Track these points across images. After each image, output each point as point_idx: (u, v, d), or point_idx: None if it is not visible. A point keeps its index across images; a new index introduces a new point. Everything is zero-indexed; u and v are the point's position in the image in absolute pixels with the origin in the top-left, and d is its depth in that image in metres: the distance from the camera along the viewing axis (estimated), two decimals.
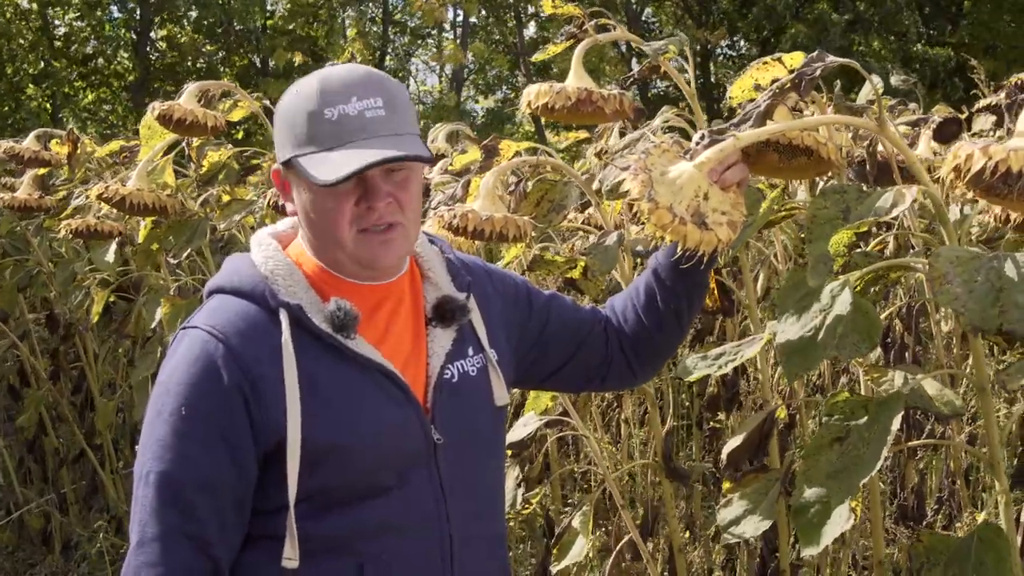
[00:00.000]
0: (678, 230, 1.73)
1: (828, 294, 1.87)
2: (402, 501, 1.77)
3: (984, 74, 4.49)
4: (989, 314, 1.60)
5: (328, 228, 1.74)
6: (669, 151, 1.84)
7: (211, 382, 1.68)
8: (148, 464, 1.67)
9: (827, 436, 1.93)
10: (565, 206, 2.69)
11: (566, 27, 2.46)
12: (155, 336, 4.24)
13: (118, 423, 5.56)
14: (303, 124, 1.71)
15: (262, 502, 1.73)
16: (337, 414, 1.71)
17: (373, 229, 1.73)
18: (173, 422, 1.67)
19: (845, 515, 1.98)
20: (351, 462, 1.72)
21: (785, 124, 1.85)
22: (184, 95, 3.41)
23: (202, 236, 3.79)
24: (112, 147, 4.38)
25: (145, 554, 1.64)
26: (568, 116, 2.37)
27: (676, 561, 2.95)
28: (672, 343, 2.15)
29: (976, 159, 1.59)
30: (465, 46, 25.63)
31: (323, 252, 1.79)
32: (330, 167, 1.67)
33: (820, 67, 1.87)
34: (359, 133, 1.69)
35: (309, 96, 1.72)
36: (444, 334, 1.87)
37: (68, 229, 4.00)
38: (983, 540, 1.90)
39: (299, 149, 1.72)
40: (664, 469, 2.88)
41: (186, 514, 1.65)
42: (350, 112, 1.70)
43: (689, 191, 1.77)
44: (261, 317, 1.73)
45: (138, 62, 22.52)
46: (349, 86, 1.72)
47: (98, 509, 5.48)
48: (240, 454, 1.69)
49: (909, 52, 21.33)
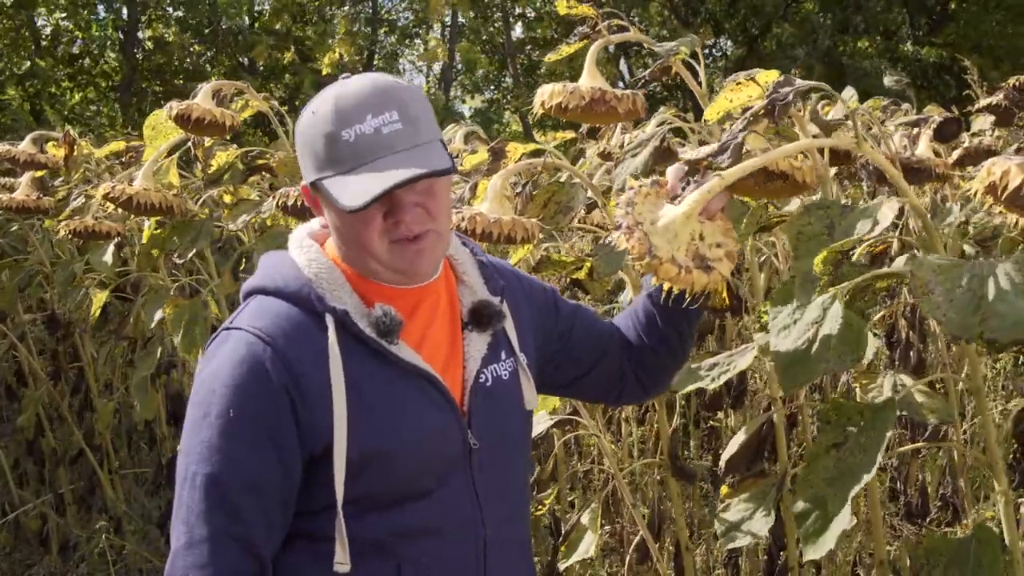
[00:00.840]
0: (685, 280, 1.74)
1: (819, 307, 1.87)
2: (441, 505, 1.79)
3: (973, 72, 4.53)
4: (970, 322, 1.59)
5: (361, 243, 1.76)
6: (651, 194, 1.84)
7: (259, 384, 1.68)
8: (194, 466, 1.68)
9: (825, 442, 1.94)
10: (572, 208, 2.71)
11: (579, 27, 2.48)
12: (155, 337, 4.25)
13: (115, 423, 5.56)
14: (322, 147, 1.72)
15: (305, 503, 1.74)
16: (381, 419, 1.73)
17: (404, 239, 1.75)
18: (220, 424, 1.68)
19: (845, 520, 2.00)
20: (394, 467, 1.74)
21: (765, 157, 1.84)
22: (200, 95, 3.41)
23: (207, 237, 3.79)
24: (114, 147, 4.39)
25: (193, 555, 1.65)
26: (582, 115, 2.39)
27: (683, 559, 2.97)
28: (677, 358, 2.17)
29: (1014, 176, 1.57)
30: (453, 46, 25.63)
31: (358, 262, 1.80)
32: (354, 191, 1.68)
33: (791, 91, 1.87)
34: (378, 151, 1.70)
35: (325, 118, 1.72)
36: (480, 338, 1.90)
37: (67, 230, 4.01)
38: (981, 541, 1.93)
39: (321, 172, 1.73)
40: (671, 468, 2.90)
41: (233, 516, 1.67)
42: (366, 131, 1.70)
43: (684, 236, 1.78)
44: (305, 320, 1.74)
45: (125, 62, 22.41)
46: (362, 104, 1.72)
47: (97, 510, 5.47)
48: (286, 455, 1.69)
49: (898, 52, 21.41)
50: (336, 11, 23.62)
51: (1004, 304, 1.57)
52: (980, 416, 2.01)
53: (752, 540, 2.30)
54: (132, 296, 4.80)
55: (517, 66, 25.92)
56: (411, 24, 26.66)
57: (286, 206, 3.09)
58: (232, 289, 4.15)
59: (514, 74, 25.96)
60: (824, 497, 1.87)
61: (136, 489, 5.55)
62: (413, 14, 26.35)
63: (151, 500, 5.40)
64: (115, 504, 5.33)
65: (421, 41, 27.42)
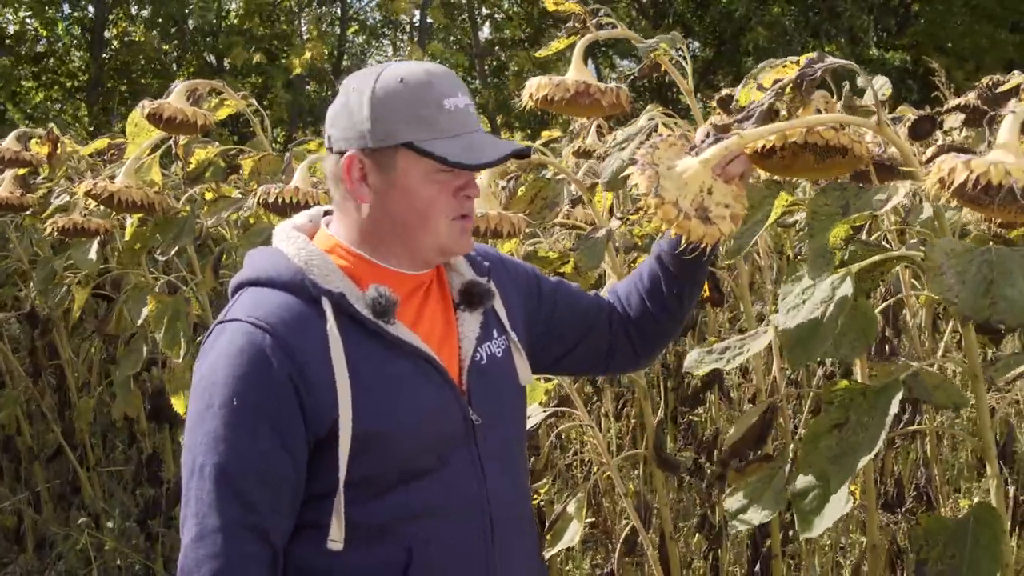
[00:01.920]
0: (683, 225, 1.81)
1: (829, 286, 1.93)
2: (445, 484, 1.82)
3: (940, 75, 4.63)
4: (980, 304, 1.67)
5: (425, 213, 1.81)
6: (675, 145, 1.92)
7: (261, 372, 1.70)
8: (201, 457, 1.70)
9: (826, 423, 2.00)
10: (558, 203, 2.77)
11: (565, 24, 2.53)
12: (139, 334, 4.25)
13: (92, 421, 5.56)
14: (420, 110, 1.77)
15: (310, 489, 1.76)
16: (380, 399, 1.75)
17: (461, 216, 1.83)
18: (224, 414, 1.69)
19: (844, 499, 2.06)
20: (394, 445, 1.77)
21: (786, 123, 1.91)
22: (173, 94, 3.44)
23: (189, 234, 3.80)
24: (98, 145, 4.39)
25: (206, 546, 1.67)
26: (567, 108, 2.45)
27: (668, 549, 3.02)
28: (675, 325, 2.22)
29: (959, 172, 1.67)
30: (423, 47, 25.62)
31: (391, 239, 1.84)
32: (466, 153, 1.76)
33: (820, 67, 1.97)
34: (468, 125, 1.81)
35: (424, 85, 1.79)
36: (472, 318, 1.94)
37: (54, 227, 4.01)
38: (979, 520, 1.98)
39: (415, 135, 1.77)
40: (656, 459, 2.95)
41: (244, 504, 1.68)
42: (459, 105, 1.80)
43: (694, 186, 1.84)
44: (301, 307, 1.76)
45: (92, 61, 22.27)
46: (452, 81, 1.82)
47: (75, 507, 5.47)
48: (292, 442, 1.72)
49: (864, 56, 21.61)
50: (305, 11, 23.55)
51: (1012, 289, 1.65)
52: (977, 403, 2.06)
53: (756, 525, 2.35)
54: (112, 293, 4.81)
55: (485, 67, 25.96)
56: (379, 24, 26.64)
57: (267, 202, 3.12)
58: (213, 286, 4.17)
59: (481, 74, 25.99)
60: (827, 474, 1.92)
61: (114, 486, 5.55)
62: (381, 15, 26.35)
63: (130, 497, 5.40)
64: (93, 501, 5.33)
65: (389, 41, 27.41)
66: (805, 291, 1.97)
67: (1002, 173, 1.64)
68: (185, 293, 4.04)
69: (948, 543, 1.99)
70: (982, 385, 2.07)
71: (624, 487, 3.03)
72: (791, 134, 1.91)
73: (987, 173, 1.64)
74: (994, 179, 1.64)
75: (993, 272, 1.70)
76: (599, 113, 2.69)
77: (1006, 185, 1.63)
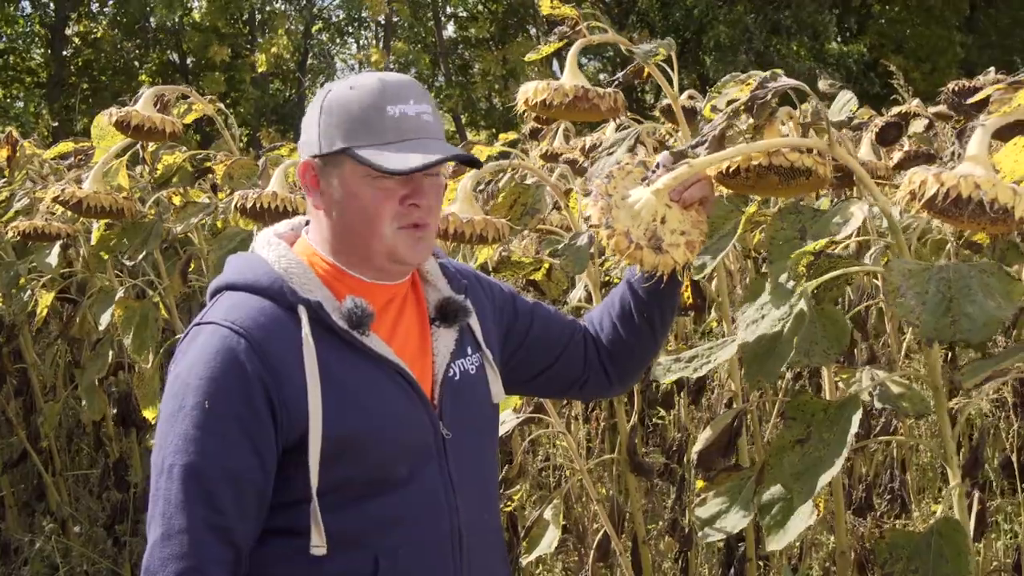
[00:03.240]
0: (634, 255, 1.85)
1: (786, 305, 1.94)
2: (414, 495, 1.82)
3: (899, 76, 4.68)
4: (942, 324, 1.69)
5: (371, 220, 1.80)
6: (632, 173, 1.95)
7: (233, 375, 1.71)
8: (171, 458, 1.70)
9: (789, 437, 2.02)
10: (539, 209, 2.77)
11: (552, 31, 2.53)
12: (106, 338, 4.22)
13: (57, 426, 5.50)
14: (362, 116, 1.78)
15: (280, 495, 1.77)
16: (353, 407, 1.76)
17: (409, 227, 1.81)
18: (195, 416, 1.70)
19: (807, 512, 2.08)
20: (366, 455, 1.78)
21: (734, 149, 1.94)
22: (141, 100, 3.44)
23: (157, 238, 3.78)
24: (61, 149, 4.35)
25: (172, 546, 1.67)
26: (564, 113, 2.46)
27: (640, 553, 3.04)
28: (647, 352, 2.22)
29: (930, 185, 1.70)
30: (388, 45, 25.57)
31: (349, 247, 1.85)
32: (395, 159, 1.75)
33: (772, 89, 1.99)
34: (417, 132, 1.80)
35: (369, 92, 1.79)
36: (447, 333, 1.94)
37: (16, 231, 3.98)
38: (942, 535, 2.00)
39: (353, 141, 1.78)
40: (630, 464, 2.96)
41: (211, 506, 1.69)
42: (409, 112, 1.80)
43: (647, 216, 1.88)
44: (278, 313, 1.77)
45: (53, 58, 22.05)
46: (407, 88, 1.82)
47: (40, 512, 5.41)
48: (262, 446, 1.72)
49: (824, 51, 21.79)
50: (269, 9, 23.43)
51: (973, 306, 1.67)
52: (938, 412, 2.08)
53: (728, 534, 2.36)
54: (77, 297, 4.77)
55: (449, 65, 25.93)
56: (344, 21, 26.55)
57: (245, 207, 3.10)
58: (181, 290, 4.14)
59: (446, 73, 25.96)
60: (791, 489, 1.94)
61: (81, 491, 5.50)
62: (346, 12, 26.26)
63: (97, 502, 5.35)
64: (60, 507, 5.28)
65: (354, 40, 27.33)
66: (763, 307, 1.99)
67: (972, 186, 1.67)
68: (153, 298, 4.02)
69: (911, 557, 2.01)
70: (943, 396, 2.09)
71: (596, 492, 3.04)
72: (756, 157, 1.93)
73: (957, 186, 1.67)
74: (964, 192, 1.67)
75: (951, 290, 1.72)
76: (597, 118, 2.70)
77: (975, 198, 1.67)
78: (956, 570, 1.96)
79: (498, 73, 22.45)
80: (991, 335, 1.67)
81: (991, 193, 1.66)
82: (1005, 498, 3.78)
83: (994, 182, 1.67)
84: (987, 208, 1.65)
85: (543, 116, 2.58)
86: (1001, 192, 1.66)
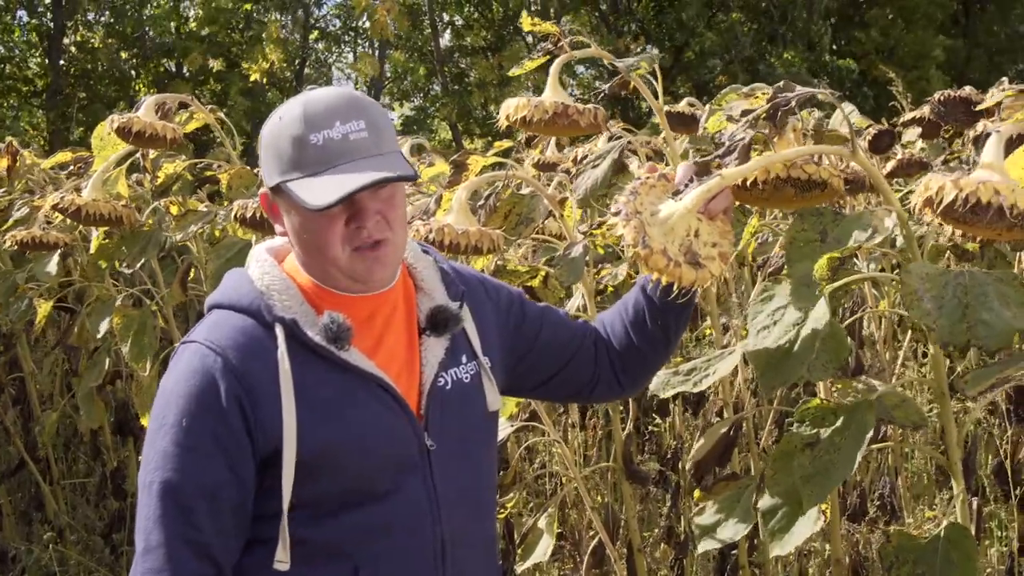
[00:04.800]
0: (673, 272, 1.81)
1: (801, 308, 1.94)
2: (396, 506, 1.83)
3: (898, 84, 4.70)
4: (958, 329, 1.70)
5: (321, 248, 1.81)
6: (656, 187, 1.93)
7: (209, 394, 1.74)
8: (151, 474, 1.74)
9: (797, 442, 2.01)
10: (534, 219, 2.78)
11: (541, 43, 2.56)
12: (103, 346, 4.24)
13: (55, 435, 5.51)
14: (288, 150, 1.77)
15: (261, 507, 1.79)
16: (330, 422, 1.78)
17: (364, 247, 1.80)
18: (174, 433, 1.74)
19: (814, 517, 2.09)
20: (345, 468, 1.79)
21: (764, 159, 1.93)
22: (142, 108, 3.45)
23: (155, 247, 3.81)
24: (60, 158, 4.37)
25: (150, 560, 1.71)
26: (545, 128, 2.48)
27: (636, 561, 3.05)
28: (660, 358, 2.21)
29: (948, 191, 1.70)
30: (383, 55, 25.59)
31: (316, 270, 1.86)
32: (319, 191, 1.73)
33: (793, 97, 1.98)
34: (344, 156, 1.76)
35: (293, 122, 1.78)
36: (437, 343, 1.94)
37: (13, 240, 4.00)
38: (951, 540, 2.01)
39: (286, 175, 1.78)
40: (625, 471, 2.98)
41: (187, 522, 1.72)
42: (334, 136, 1.76)
43: (680, 231, 1.86)
44: (258, 332, 1.80)
45: (50, 68, 22.06)
46: (332, 110, 1.78)
47: (38, 521, 5.42)
48: (238, 463, 1.75)
49: (820, 62, 21.80)
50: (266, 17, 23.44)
51: (990, 313, 1.69)
52: (944, 420, 2.09)
53: (728, 542, 2.37)
54: (75, 306, 4.79)
55: (446, 74, 25.94)
56: (340, 31, 26.57)
57: (244, 218, 3.12)
58: (180, 300, 4.16)
59: (443, 82, 25.98)
60: (798, 493, 1.94)
61: (78, 500, 5.51)
62: (341, 22, 26.30)
63: (94, 511, 5.36)
64: (57, 515, 5.29)
65: (350, 49, 27.33)
66: (775, 312, 1.97)
67: (991, 192, 1.67)
68: (151, 306, 4.04)
69: (918, 561, 2.02)
70: (949, 404, 2.10)
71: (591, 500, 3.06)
72: (775, 169, 1.93)
73: (976, 192, 1.67)
74: (983, 198, 1.67)
75: (968, 296, 1.73)
76: (577, 133, 2.72)
77: (994, 204, 1.67)
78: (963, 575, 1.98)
79: (494, 81, 22.48)
80: (1007, 344, 1.68)
81: (1011, 199, 1.66)
82: (998, 504, 3.80)
83: (1013, 188, 1.68)
84: (1007, 214, 1.66)
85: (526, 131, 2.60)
86: (1020, 198, 1.66)
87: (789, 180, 1.94)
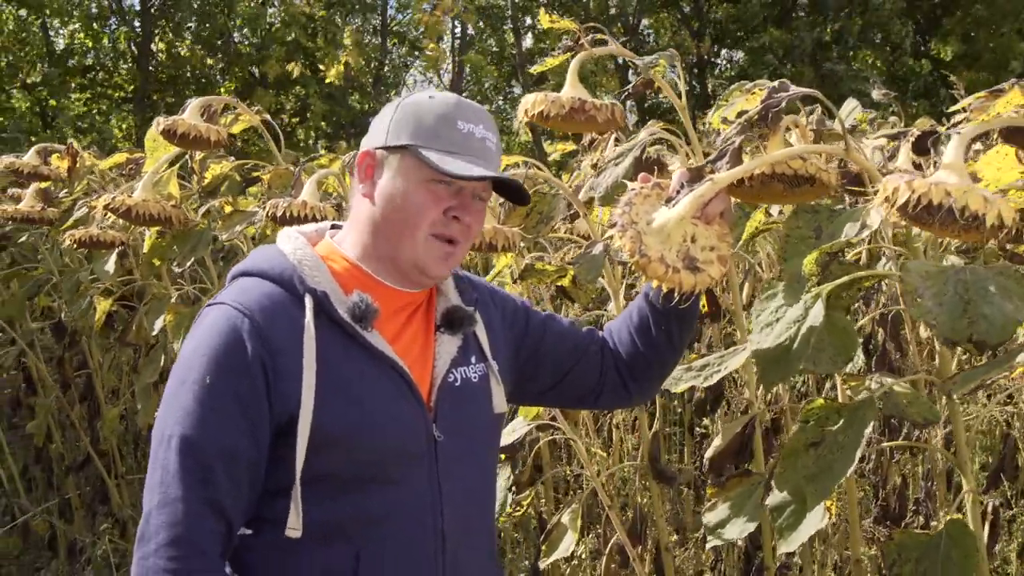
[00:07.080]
0: (672, 279, 1.86)
1: (802, 305, 1.94)
2: (400, 493, 1.86)
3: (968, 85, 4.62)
4: (959, 325, 1.69)
5: (409, 220, 1.89)
6: (651, 196, 1.96)
7: (235, 353, 1.77)
8: (170, 428, 1.75)
9: (803, 441, 2.02)
10: (553, 217, 2.80)
11: (563, 40, 2.57)
12: (159, 344, 4.34)
13: (121, 429, 5.66)
14: (432, 123, 1.89)
15: (267, 482, 1.81)
16: (347, 399, 1.81)
17: (443, 237, 1.90)
18: (196, 390, 1.75)
19: (819, 515, 2.09)
20: (357, 447, 1.82)
21: (754, 162, 1.95)
22: (188, 110, 3.53)
23: (205, 246, 3.88)
24: (117, 159, 4.49)
25: (166, 514, 1.72)
26: (562, 124, 2.49)
27: (663, 560, 3.05)
28: (666, 363, 2.24)
29: (902, 192, 1.72)
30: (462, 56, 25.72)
31: (381, 244, 1.93)
32: (453, 166, 1.84)
33: (784, 98, 1.99)
34: (478, 154, 1.90)
35: (446, 104, 1.92)
36: (451, 340, 2.00)
37: (72, 239, 4.11)
38: (951, 536, 2.00)
39: (420, 141, 1.88)
40: (651, 471, 2.98)
41: (206, 478, 1.73)
42: (476, 134, 1.91)
43: (676, 238, 1.89)
44: (286, 299, 1.84)
45: (138, 73, 22.58)
46: (479, 114, 1.94)
47: (103, 514, 5.57)
48: (257, 424, 1.77)
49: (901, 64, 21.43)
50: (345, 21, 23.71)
51: (991, 307, 1.68)
52: (952, 418, 2.08)
53: (733, 540, 2.37)
54: (135, 304, 4.90)
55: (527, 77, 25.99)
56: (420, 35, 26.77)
57: (276, 216, 3.19)
58: None
59: (523, 84, 26.03)
60: (803, 492, 1.94)
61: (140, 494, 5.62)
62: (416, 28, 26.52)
63: None
64: (121, 508, 5.43)
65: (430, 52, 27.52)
66: (778, 309, 1.98)
67: (942, 193, 1.68)
68: (203, 303, 4.12)
69: (920, 559, 2.01)
70: (956, 402, 2.08)
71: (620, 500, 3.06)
72: (760, 166, 1.94)
73: (928, 193, 1.69)
74: (935, 199, 1.68)
75: (969, 292, 1.72)
76: (595, 129, 2.73)
77: (945, 205, 1.67)
78: (964, 572, 1.96)
79: None
80: (1008, 337, 1.67)
81: (961, 200, 1.66)
82: None
83: (965, 189, 1.67)
84: (957, 215, 1.66)
85: (544, 127, 2.62)
86: (972, 199, 1.66)
87: (775, 176, 1.95)
